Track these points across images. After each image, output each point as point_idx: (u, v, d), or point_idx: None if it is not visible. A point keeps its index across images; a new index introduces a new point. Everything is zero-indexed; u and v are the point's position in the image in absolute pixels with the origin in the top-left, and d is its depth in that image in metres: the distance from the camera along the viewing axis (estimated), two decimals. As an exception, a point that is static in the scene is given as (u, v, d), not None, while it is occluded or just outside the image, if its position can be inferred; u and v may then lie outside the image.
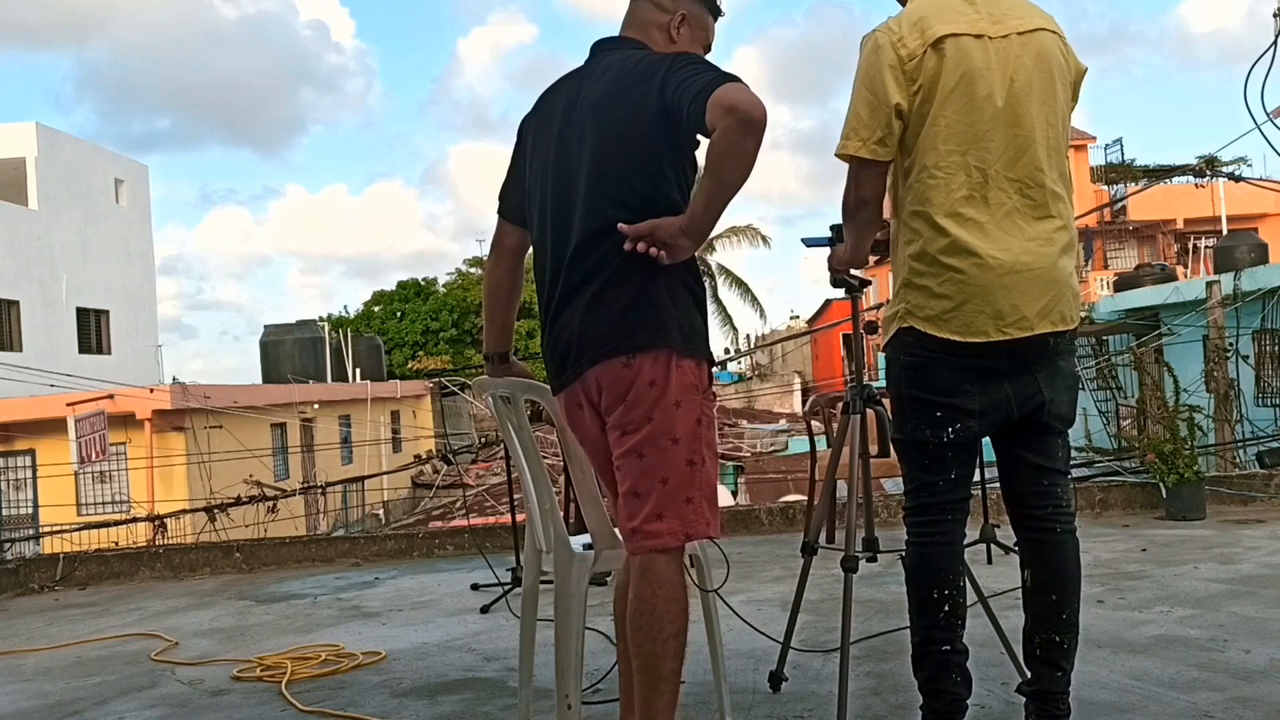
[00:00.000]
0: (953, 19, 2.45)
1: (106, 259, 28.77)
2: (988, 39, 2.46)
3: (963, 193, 2.44)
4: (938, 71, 2.43)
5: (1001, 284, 2.43)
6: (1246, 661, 3.34)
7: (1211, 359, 9.94)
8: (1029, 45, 2.49)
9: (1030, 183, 2.47)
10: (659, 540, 2.35)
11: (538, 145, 2.58)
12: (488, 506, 16.10)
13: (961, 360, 2.48)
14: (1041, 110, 2.48)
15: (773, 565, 5.35)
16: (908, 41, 2.44)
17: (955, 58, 2.43)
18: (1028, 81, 2.47)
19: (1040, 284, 2.46)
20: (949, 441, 2.52)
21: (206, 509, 9.15)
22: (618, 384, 2.37)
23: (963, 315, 2.44)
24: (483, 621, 4.66)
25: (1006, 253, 2.43)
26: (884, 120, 2.45)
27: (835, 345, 36.58)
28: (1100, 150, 32.73)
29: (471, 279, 45.89)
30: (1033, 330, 2.46)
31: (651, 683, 2.35)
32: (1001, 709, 2.95)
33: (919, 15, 2.47)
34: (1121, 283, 19.41)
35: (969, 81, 2.43)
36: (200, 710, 3.56)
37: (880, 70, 2.45)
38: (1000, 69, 2.45)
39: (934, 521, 2.57)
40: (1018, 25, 2.49)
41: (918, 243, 2.48)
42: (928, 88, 2.43)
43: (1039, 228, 2.47)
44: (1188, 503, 6.23)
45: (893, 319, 2.57)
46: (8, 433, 18.43)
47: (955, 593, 2.56)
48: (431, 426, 29.32)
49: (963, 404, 2.50)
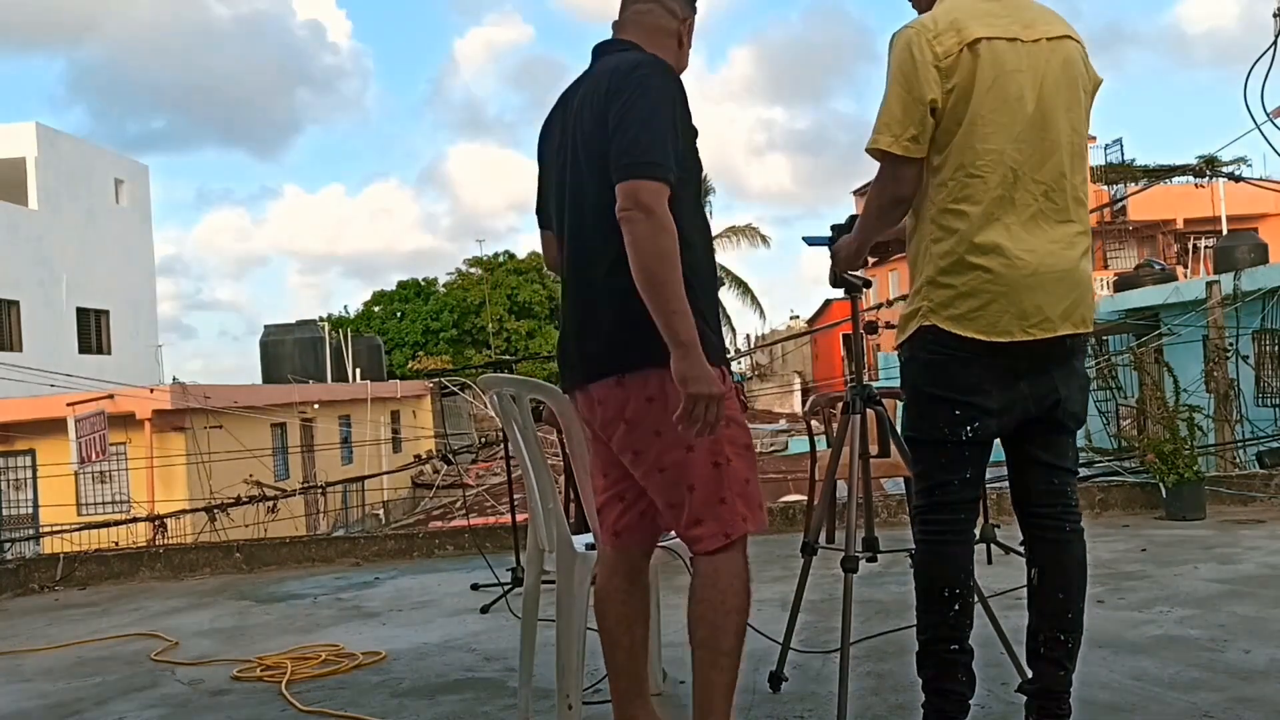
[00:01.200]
0: (987, 22, 2.46)
1: (106, 259, 28.75)
2: (1020, 42, 2.47)
3: (997, 192, 2.44)
4: (973, 72, 2.43)
5: (1027, 284, 2.43)
6: (1246, 661, 3.34)
7: (1211, 359, 9.93)
8: (1056, 52, 2.50)
9: (1055, 186, 2.48)
10: (703, 544, 2.40)
11: (555, 151, 2.59)
12: (488, 506, 16.09)
13: (981, 359, 2.48)
14: (1067, 116, 2.50)
15: (773, 565, 5.35)
16: (944, 40, 2.44)
17: (989, 59, 2.43)
18: (1055, 87, 2.48)
19: (1064, 286, 2.47)
20: (967, 440, 2.52)
21: (206, 509, 9.15)
22: (611, 403, 2.41)
23: (988, 314, 2.44)
24: (483, 621, 4.66)
25: (1032, 254, 2.44)
26: (918, 117, 2.45)
27: (835, 345, 36.59)
28: (1100, 150, 32.73)
29: (471, 279, 45.89)
30: (1055, 331, 2.47)
31: (712, 658, 2.36)
32: (1002, 709, 2.95)
33: (953, 16, 2.47)
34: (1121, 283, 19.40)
35: (1003, 83, 2.44)
36: (200, 710, 3.56)
37: (915, 67, 2.44)
38: (1031, 72, 2.46)
39: (948, 520, 2.57)
40: (1046, 31, 2.51)
41: (947, 240, 2.47)
42: (962, 87, 2.43)
43: (1061, 231, 2.48)
44: (1188, 503, 6.23)
45: (912, 316, 2.56)
46: (8, 433, 18.42)
47: (965, 592, 2.57)
48: (431, 426, 29.32)
49: (982, 402, 2.50)
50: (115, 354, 28.70)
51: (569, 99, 2.57)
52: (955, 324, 2.47)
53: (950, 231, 2.48)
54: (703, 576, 2.40)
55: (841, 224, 2.93)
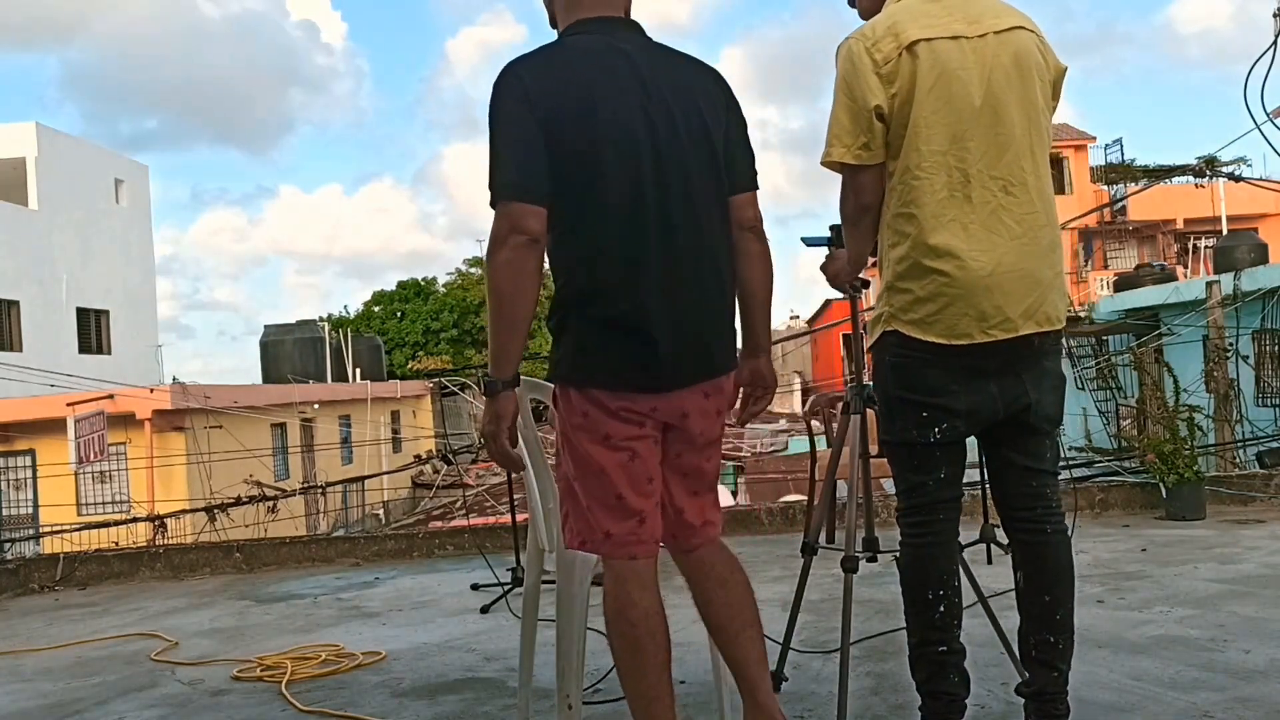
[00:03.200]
0: (926, 24, 2.46)
1: (106, 259, 28.76)
2: (964, 39, 2.46)
3: (944, 193, 2.44)
4: (913, 74, 2.44)
5: (984, 286, 2.43)
6: (1246, 661, 3.34)
7: (1211, 359, 9.96)
8: (1006, 44, 2.49)
9: (1014, 181, 2.47)
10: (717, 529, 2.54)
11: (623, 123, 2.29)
12: (488, 506, 16.10)
13: (946, 361, 2.48)
14: (1022, 109, 2.49)
15: (773, 565, 5.35)
16: (882, 46, 2.46)
17: (929, 60, 2.44)
18: (1006, 80, 2.47)
19: (1024, 285, 2.46)
20: (936, 441, 2.52)
21: (206, 509, 9.16)
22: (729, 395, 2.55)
23: (946, 318, 2.45)
24: (483, 621, 4.66)
25: (989, 253, 2.43)
26: (865, 124, 2.47)
27: (835, 345, 36.58)
28: (1100, 150, 32.77)
29: (471, 279, 45.91)
30: (1017, 331, 2.46)
31: (761, 633, 2.48)
32: (1001, 709, 2.95)
33: (891, 20, 2.49)
34: (1121, 283, 19.42)
35: (945, 82, 2.44)
36: (200, 710, 3.56)
37: (857, 75, 2.47)
38: (978, 68, 2.45)
39: (925, 522, 2.58)
40: (994, 25, 2.50)
41: (902, 245, 2.49)
42: (905, 90, 2.44)
43: (1024, 226, 2.47)
44: (1188, 503, 6.23)
45: (877, 321, 2.59)
46: (8, 433, 18.44)
47: (950, 592, 2.56)
48: (431, 426, 29.33)
49: (949, 404, 2.50)
50: (115, 354, 28.70)
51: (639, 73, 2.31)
52: (916, 328, 2.48)
53: (904, 236, 2.49)
54: (731, 558, 2.48)
55: (841, 224, 2.93)
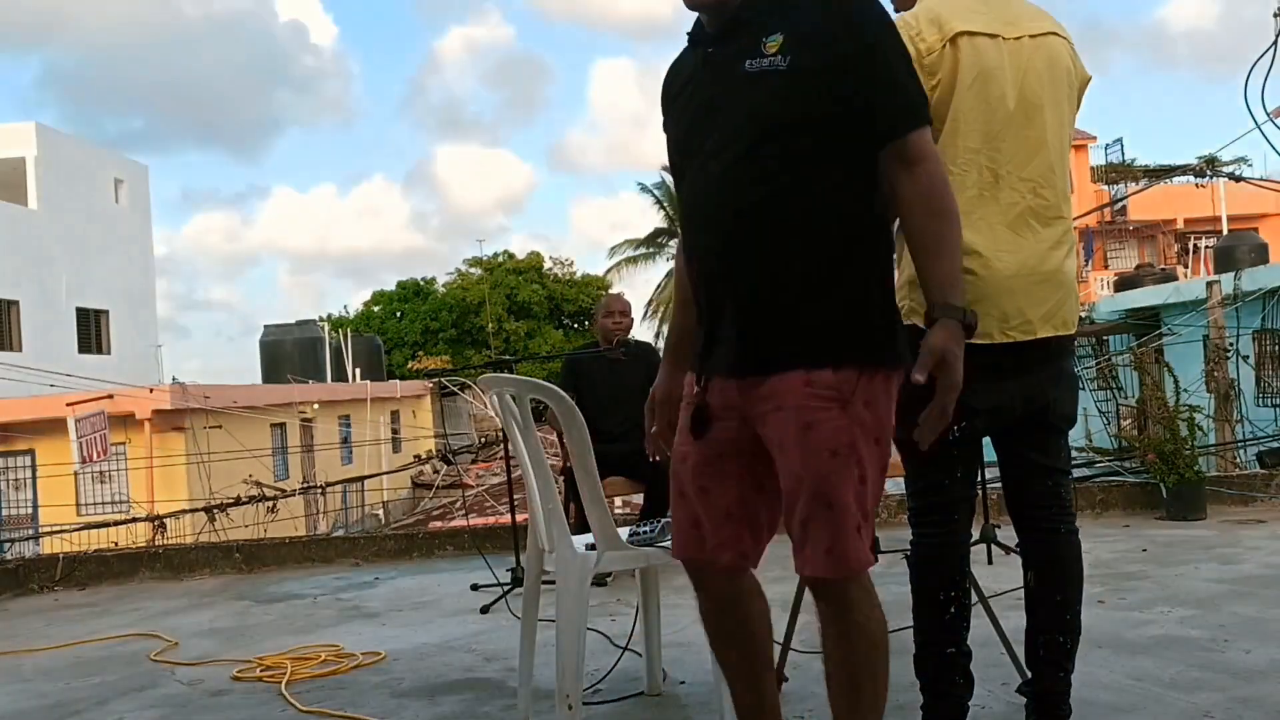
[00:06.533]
0: (969, 17, 2.45)
1: (106, 259, 28.76)
2: (1002, 40, 2.46)
3: (973, 191, 2.43)
4: (955, 67, 2.42)
5: (1008, 287, 2.43)
6: (1247, 662, 3.33)
7: (1211, 359, 9.94)
8: (1040, 49, 2.49)
9: (1043, 183, 2.47)
10: None
11: None
12: (488, 507, 16.08)
13: (967, 358, 2.47)
14: (1053, 113, 2.49)
15: (773, 565, 5.31)
16: (926, 36, 2.43)
17: (971, 55, 2.43)
18: (1039, 85, 2.47)
19: (1045, 288, 2.46)
20: (955, 440, 2.51)
21: (206, 509, 9.13)
22: None
23: None
24: (483, 621, 4.66)
25: (1013, 255, 2.43)
26: None
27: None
28: (1100, 150, 32.77)
29: (470, 279, 45.91)
30: (1035, 334, 2.46)
31: None
32: (1002, 709, 2.95)
33: (935, 12, 2.46)
34: (1121, 283, 19.43)
35: (984, 80, 2.43)
36: (200, 710, 3.56)
37: None
38: (1013, 70, 2.45)
39: (941, 521, 2.57)
40: (1030, 28, 2.50)
41: None
42: (947, 83, 2.43)
43: (1048, 230, 2.48)
44: (1188, 503, 6.23)
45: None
46: (8, 433, 18.43)
47: (961, 594, 2.56)
48: (431, 426, 29.33)
49: (969, 401, 2.48)
50: (115, 354, 28.71)
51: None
52: None
53: None
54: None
55: None
